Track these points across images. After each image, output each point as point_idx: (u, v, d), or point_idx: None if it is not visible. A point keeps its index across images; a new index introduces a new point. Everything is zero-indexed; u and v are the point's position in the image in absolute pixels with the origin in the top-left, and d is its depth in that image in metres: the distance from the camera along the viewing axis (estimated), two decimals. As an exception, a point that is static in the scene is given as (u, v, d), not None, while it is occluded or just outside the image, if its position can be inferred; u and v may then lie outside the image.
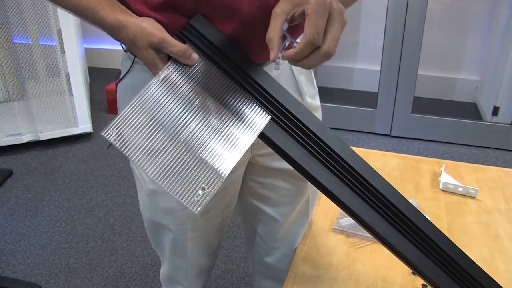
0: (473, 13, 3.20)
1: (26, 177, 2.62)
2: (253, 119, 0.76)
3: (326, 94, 3.23)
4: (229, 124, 0.75)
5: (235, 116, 0.75)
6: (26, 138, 2.80)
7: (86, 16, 0.76)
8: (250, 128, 0.75)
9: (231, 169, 0.72)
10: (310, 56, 0.66)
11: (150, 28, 0.73)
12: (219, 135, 0.74)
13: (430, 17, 2.84)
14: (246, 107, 0.76)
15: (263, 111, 0.77)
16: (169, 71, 0.74)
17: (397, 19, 2.74)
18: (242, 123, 0.75)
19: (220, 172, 0.72)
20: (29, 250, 2.08)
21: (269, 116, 0.76)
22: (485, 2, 3.17)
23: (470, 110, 3.34)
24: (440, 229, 0.80)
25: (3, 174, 2.62)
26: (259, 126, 0.76)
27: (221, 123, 0.75)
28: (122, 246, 2.10)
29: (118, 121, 0.70)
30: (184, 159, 0.71)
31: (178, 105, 0.73)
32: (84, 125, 2.89)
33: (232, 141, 0.74)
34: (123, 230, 2.20)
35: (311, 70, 0.99)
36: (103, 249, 2.09)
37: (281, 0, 0.70)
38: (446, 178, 1.33)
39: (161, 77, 0.73)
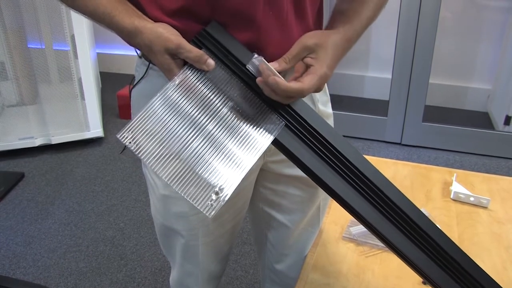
0: (485, 22, 3.19)
1: (37, 180, 2.64)
2: (266, 126, 0.76)
3: (337, 101, 3.21)
4: (243, 129, 0.75)
5: (249, 122, 0.76)
6: (38, 142, 2.83)
7: (103, 21, 0.77)
8: (264, 134, 0.76)
9: (245, 174, 0.73)
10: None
11: (167, 33, 0.73)
12: (233, 141, 0.74)
13: (442, 25, 2.83)
14: (260, 113, 0.77)
15: (277, 118, 0.77)
16: (184, 76, 0.75)
17: (409, 27, 2.74)
18: (256, 128, 0.76)
19: (232, 178, 0.72)
20: (39, 253, 2.10)
21: (283, 123, 0.77)
22: (497, 10, 3.16)
23: (482, 119, 3.32)
24: (451, 239, 0.80)
25: (15, 177, 2.64)
26: (273, 132, 0.76)
27: (235, 128, 0.75)
28: (132, 251, 2.11)
29: (133, 124, 0.70)
30: (198, 163, 0.72)
31: (193, 110, 0.74)
32: (96, 130, 2.91)
33: (246, 147, 0.74)
34: (133, 235, 2.21)
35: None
36: (113, 253, 2.10)
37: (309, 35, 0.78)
38: (457, 188, 1.32)
39: (176, 82, 0.74)
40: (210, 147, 0.73)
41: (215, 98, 0.76)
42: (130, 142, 0.70)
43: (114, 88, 3.52)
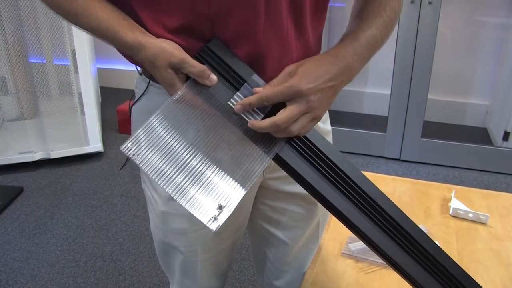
0: (483, 38, 3.22)
1: (36, 194, 2.64)
2: (268, 142, 0.77)
3: (336, 117, 3.22)
4: (244, 144, 0.76)
5: (251, 138, 0.76)
6: (37, 156, 2.83)
7: (106, 36, 0.78)
8: (264, 151, 0.76)
9: (248, 188, 0.73)
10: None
11: (170, 48, 0.74)
12: (235, 155, 0.75)
13: (440, 42, 2.85)
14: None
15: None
16: (186, 91, 0.75)
17: (408, 43, 2.76)
18: (257, 145, 0.76)
19: (236, 191, 0.73)
20: (37, 268, 2.08)
21: (285, 139, 0.78)
22: (494, 27, 3.19)
23: (481, 135, 3.33)
24: (451, 256, 0.80)
25: (14, 191, 2.63)
26: (274, 149, 0.77)
27: (236, 143, 0.75)
28: (130, 266, 2.10)
29: (136, 137, 0.71)
30: (201, 177, 0.72)
31: (195, 124, 0.74)
32: (95, 144, 2.91)
33: (248, 161, 0.75)
34: (132, 250, 2.20)
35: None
36: (111, 268, 2.09)
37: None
38: (456, 204, 1.32)
39: (179, 97, 0.75)
40: (213, 162, 0.74)
41: (217, 113, 0.76)
42: (133, 155, 0.70)
43: (114, 103, 3.53)
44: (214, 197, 0.71)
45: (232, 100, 0.77)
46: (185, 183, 0.71)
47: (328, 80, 0.76)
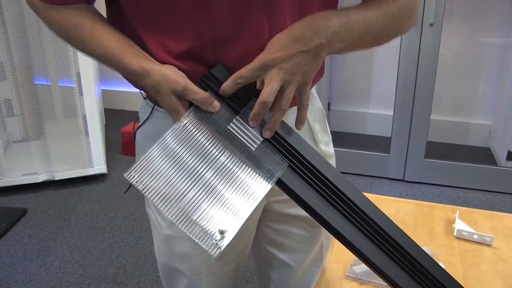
0: (484, 58, 3.23)
1: (40, 216, 2.64)
2: (270, 166, 0.77)
3: (339, 138, 3.24)
4: (247, 170, 0.76)
5: (253, 163, 0.77)
6: (41, 178, 2.84)
7: (111, 62, 0.79)
8: (267, 175, 0.77)
9: (249, 214, 0.73)
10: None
11: (174, 75, 0.75)
12: (237, 182, 0.75)
13: (442, 62, 2.87)
14: (264, 154, 0.78)
15: (280, 159, 0.78)
16: (190, 117, 0.76)
17: (410, 64, 2.78)
18: (259, 170, 0.77)
19: (238, 216, 0.73)
20: (40, 291, 2.08)
21: (287, 163, 0.78)
22: (495, 47, 3.21)
23: (484, 155, 3.32)
24: (456, 278, 0.80)
25: (17, 213, 2.64)
26: (276, 173, 0.77)
27: (239, 170, 0.76)
28: (133, 289, 2.09)
29: (139, 164, 0.72)
30: (203, 203, 0.72)
31: (198, 151, 0.75)
32: (99, 166, 2.92)
33: (249, 188, 0.75)
34: (135, 273, 2.19)
35: (325, 117, 1.01)
36: (114, 291, 2.08)
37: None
38: (460, 225, 1.32)
39: (182, 123, 0.75)
40: (215, 188, 0.74)
41: (220, 139, 0.77)
42: (136, 182, 0.71)
43: (118, 125, 3.55)
44: (216, 223, 0.72)
45: (231, 124, 0.77)
46: (187, 209, 0.71)
47: (298, 46, 0.72)
